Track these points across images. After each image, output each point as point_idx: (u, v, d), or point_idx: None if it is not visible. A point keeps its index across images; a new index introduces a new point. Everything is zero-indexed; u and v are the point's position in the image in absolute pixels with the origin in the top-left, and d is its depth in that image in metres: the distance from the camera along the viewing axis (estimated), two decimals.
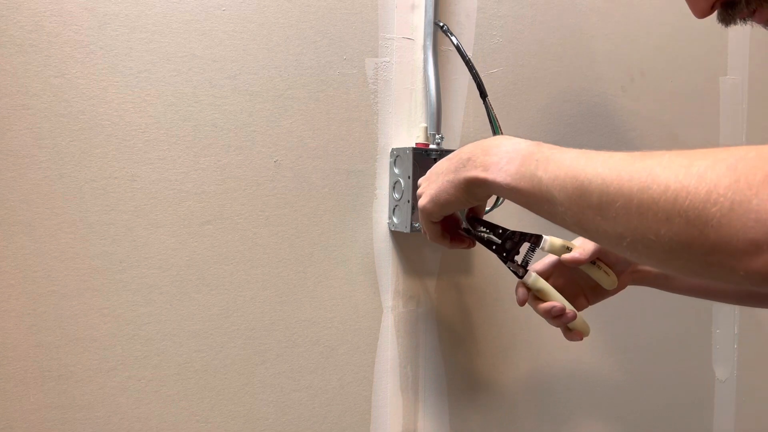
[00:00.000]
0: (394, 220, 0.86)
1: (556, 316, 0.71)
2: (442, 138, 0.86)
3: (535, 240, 0.72)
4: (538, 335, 0.99)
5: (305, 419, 0.83)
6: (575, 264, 0.72)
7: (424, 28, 0.88)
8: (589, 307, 0.79)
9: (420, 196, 0.71)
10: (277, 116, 0.80)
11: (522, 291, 0.73)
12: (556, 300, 0.71)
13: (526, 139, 0.59)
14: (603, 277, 0.74)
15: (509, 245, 0.73)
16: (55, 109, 0.70)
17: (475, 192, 0.62)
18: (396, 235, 0.88)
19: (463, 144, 0.91)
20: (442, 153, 0.86)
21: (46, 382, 0.70)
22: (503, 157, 0.58)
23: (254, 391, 0.80)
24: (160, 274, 0.75)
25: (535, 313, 0.74)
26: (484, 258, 0.93)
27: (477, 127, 0.92)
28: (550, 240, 0.72)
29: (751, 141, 1.18)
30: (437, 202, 0.67)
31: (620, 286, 0.77)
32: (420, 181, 0.73)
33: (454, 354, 0.93)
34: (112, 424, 0.73)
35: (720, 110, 1.16)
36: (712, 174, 0.40)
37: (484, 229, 0.73)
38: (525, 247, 0.73)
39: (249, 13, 0.78)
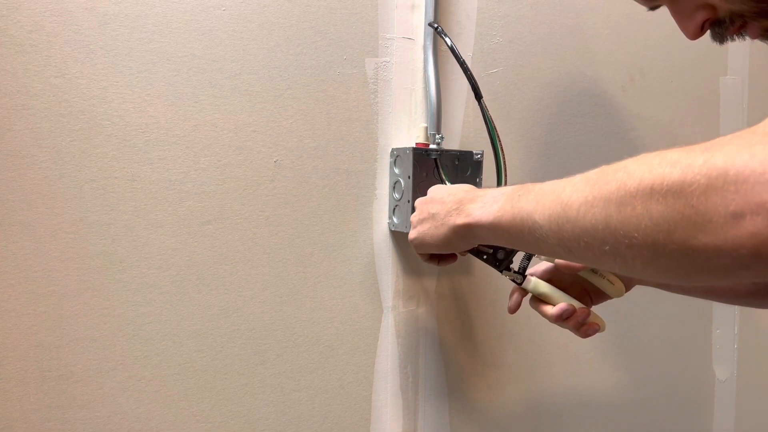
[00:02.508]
0: (394, 220, 0.86)
1: (567, 318, 0.69)
2: (442, 138, 0.86)
3: None
4: (538, 335, 0.99)
5: (305, 419, 0.83)
6: (571, 270, 0.72)
7: (424, 28, 0.88)
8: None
9: (411, 226, 0.74)
10: (277, 116, 0.80)
11: (516, 297, 0.73)
12: (563, 301, 0.69)
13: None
14: (607, 285, 0.72)
15: (501, 254, 0.73)
16: (55, 109, 0.70)
17: (458, 241, 0.66)
18: (396, 235, 0.88)
19: (463, 144, 0.92)
20: (442, 153, 0.86)
21: (46, 382, 0.70)
22: (488, 201, 0.60)
23: (254, 391, 0.80)
24: (160, 274, 0.75)
25: (535, 312, 0.74)
26: None
27: (477, 127, 0.92)
28: None
29: None
30: (422, 243, 0.71)
31: (629, 286, 0.76)
32: (416, 204, 0.74)
33: (454, 354, 0.93)
34: (112, 424, 0.73)
35: (720, 110, 1.16)
36: (686, 158, 0.40)
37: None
38: (520, 255, 0.73)
39: (249, 13, 0.78)
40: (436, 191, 0.72)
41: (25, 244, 0.69)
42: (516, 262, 0.73)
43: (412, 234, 0.73)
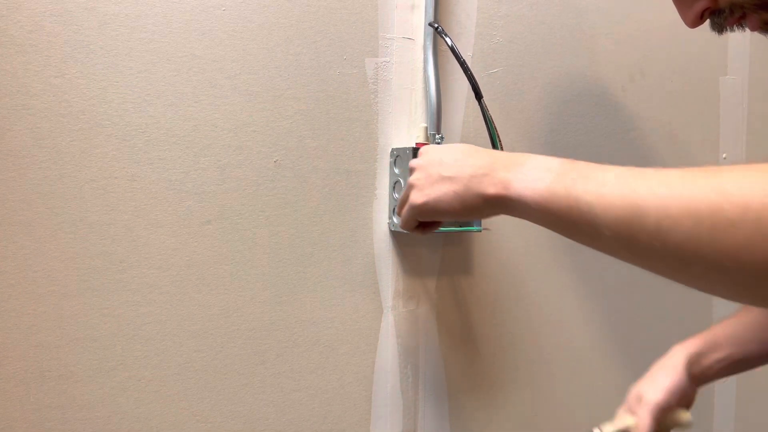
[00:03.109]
0: (394, 220, 0.86)
1: None
2: (442, 138, 0.86)
3: None
4: (538, 335, 0.99)
5: (305, 419, 0.83)
6: None
7: (424, 28, 0.88)
8: (588, 304, 0.78)
9: (412, 188, 0.65)
10: (277, 116, 0.80)
11: None
12: None
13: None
14: (674, 426, 0.69)
15: None
16: (55, 109, 0.70)
17: (488, 211, 0.57)
18: (396, 235, 0.88)
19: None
20: None
21: (46, 382, 0.70)
22: (529, 174, 0.53)
23: (254, 391, 0.80)
24: (160, 274, 0.75)
25: (535, 313, 0.74)
26: (484, 258, 0.93)
27: (477, 127, 0.92)
28: None
29: (751, 141, 1.18)
30: (435, 209, 0.62)
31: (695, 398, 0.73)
32: (414, 166, 0.67)
33: (454, 354, 0.93)
34: (112, 424, 0.73)
35: (720, 110, 1.16)
36: None
37: None
38: None
39: (249, 13, 0.78)
40: (437, 152, 0.65)
41: (25, 244, 0.69)
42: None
43: (420, 197, 0.63)
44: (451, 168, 0.60)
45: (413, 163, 0.68)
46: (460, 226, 0.88)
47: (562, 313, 1.01)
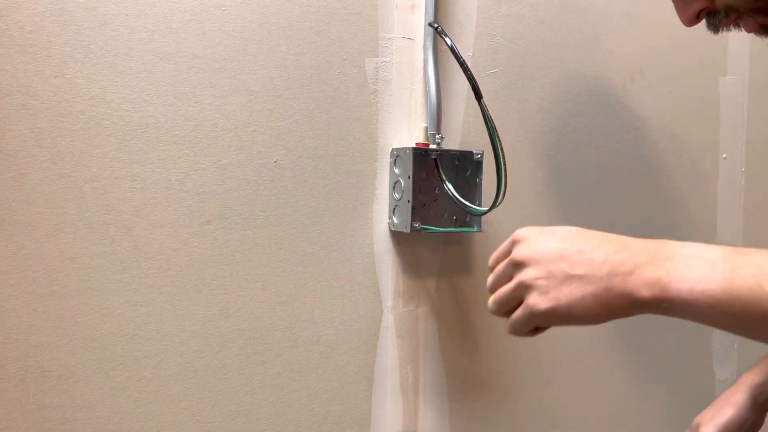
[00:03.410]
0: (394, 220, 0.86)
1: None
2: (442, 138, 0.86)
3: None
4: (538, 335, 0.99)
5: (305, 419, 0.83)
6: None
7: (424, 28, 0.88)
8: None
9: (530, 290, 0.53)
10: (277, 116, 0.80)
11: None
12: None
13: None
14: None
15: None
16: (55, 109, 0.70)
17: (636, 313, 0.49)
18: (396, 235, 0.88)
19: (463, 144, 0.91)
20: (442, 153, 0.86)
21: (46, 382, 0.70)
22: (691, 273, 0.46)
23: (254, 391, 0.80)
24: (160, 274, 0.75)
25: None
26: (484, 258, 0.93)
27: (477, 127, 0.92)
28: None
29: (751, 141, 1.18)
30: (568, 316, 0.51)
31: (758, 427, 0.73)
32: (524, 259, 0.53)
33: (454, 354, 0.93)
34: (112, 424, 0.73)
35: (720, 110, 1.16)
36: None
37: None
38: None
39: (249, 13, 0.78)
40: (549, 241, 0.53)
41: (25, 244, 0.69)
42: None
43: (544, 302, 0.51)
44: (579, 264, 0.51)
45: (519, 255, 0.54)
46: (460, 227, 0.88)
47: None
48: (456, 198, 0.86)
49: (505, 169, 0.79)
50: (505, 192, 0.79)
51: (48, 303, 0.70)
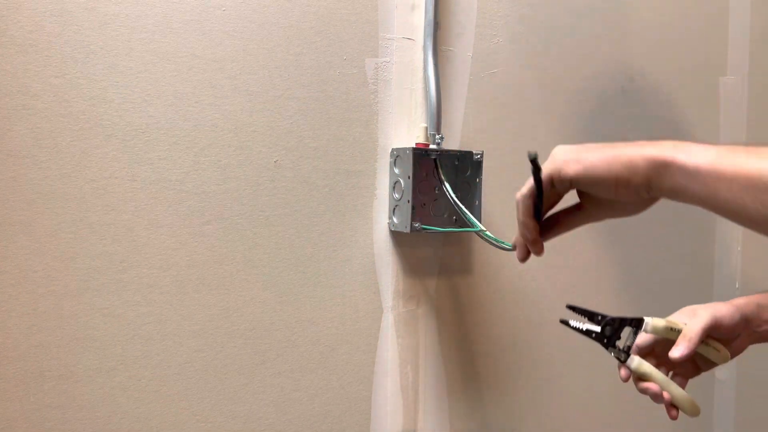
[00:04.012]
0: (394, 220, 0.86)
1: (653, 398, 0.69)
2: (442, 138, 0.86)
3: (637, 323, 0.70)
4: (538, 335, 0.99)
5: (305, 419, 0.84)
6: (684, 359, 0.68)
7: (424, 28, 0.88)
8: (588, 303, 0.78)
9: (558, 161, 0.59)
10: (277, 116, 0.80)
11: (624, 372, 0.70)
12: (660, 382, 0.69)
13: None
14: (713, 353, 0.71)
15: (609, 331, 0.71)
16: (55, 109, 0.70)
17: (648, 174, 0.54)
18: (396, 235, 0.88)
19: (463, 144, 0.92)
20: (442, 153, 0.86)
21: (46, 382, 0.70)
22: (692, 147, 0.53)
23: (254, 391, 0.80)
24: (160, 274, 0.75)
25: (535, 313, 0.74)
26: (484, 258, 0.93)
27: (477, 127, 0.92)
28: (652, 323, 0.69)
29: (751, 141, 1.18)
30: (588, 174, 0.57)
31: (738, 351, 0.74)
32: (555, 151, 0.60)
33: (454, 354, 0.93)
34: (112, 424, 0.73)
35: (720, 110, 1.16)
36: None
37: (582, 318, 0.71)
38: (626, 329, 0.71)
39: (249, 13, 0.78)
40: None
41: (25, 244, 0.69)
42: (623, 338, 0.71)
43: (571, 166, 0.57)
44: (598, 148, 0.58)
45: (555, 151, 0.61)
46: (460, 227, 0.88)
47: (561, 313, 1.01)
48: (455, 202, 0.85)
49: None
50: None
51: (48, 303, 0.70)
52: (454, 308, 0.93)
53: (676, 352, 0.67)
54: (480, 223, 0.87)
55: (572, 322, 0.72)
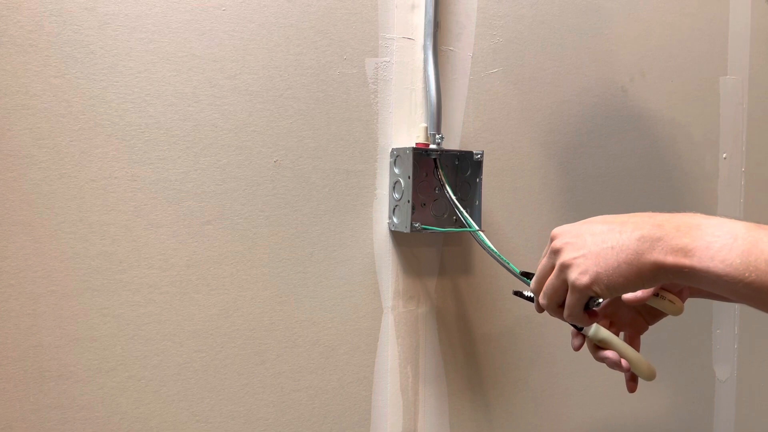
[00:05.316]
0: (394, 220, 0.86)
1: (611, 366, 0.67)
2: (442, 138, 0.86)
3: None
4: (538, 335, 0.99)
5: (305, 419, 0.84)
6: (638, 302, 0.64)
7: (424, 28, 0.88)
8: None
9: (567, 268, 0.56)
10: (277, 116, 0.80)
11: (577, 341, 0.68)
12: (617, 347, 0.67)
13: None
14: (668, 306, 0.69)
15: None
16: (55, 109, 0.70)
17: (663, 279, 0.51)
18: (396, 235, 0.88)
19: (463, 144, 0.92)
20: (442, 153, 0.86)
21: (46, 382, 0.70)
22: (714, 241, 0.48)
23: (254, 391, 0.80)
24: (160, 274, 0.75)
25: (535, 313, 0.74)
26: (485, 258, 0.93)
27: (477, 127, 0.92)
28: None
29: (751, 141, 1.18)
30: (610, 287, 0.53)
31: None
32: (557, 246, 0.58)
33: (454, 354, 0.93)
34: (112, 424, 0.73)
35: (720, 110, 1.16)
36: None
37: (529, 283, 0.70)
38: None
39: (249, 13, 0.78)
40: (578, 226, 0.58)
41: (25, 244, 0.69)
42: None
43: (583, 277, 0.54)
44: (611, 237, 0.53)
45: (556, 244, 0.58)
46: (460, 227, 0.88)
47: None
48: (454, 203, 0.85)
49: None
50: None
51: (48, 303, 0.70)
52: (454, 308, 0.93)
53: (630, 295, 0.63)
54: (480, 223, 0.87)
55: (526, 292, 0.71)
